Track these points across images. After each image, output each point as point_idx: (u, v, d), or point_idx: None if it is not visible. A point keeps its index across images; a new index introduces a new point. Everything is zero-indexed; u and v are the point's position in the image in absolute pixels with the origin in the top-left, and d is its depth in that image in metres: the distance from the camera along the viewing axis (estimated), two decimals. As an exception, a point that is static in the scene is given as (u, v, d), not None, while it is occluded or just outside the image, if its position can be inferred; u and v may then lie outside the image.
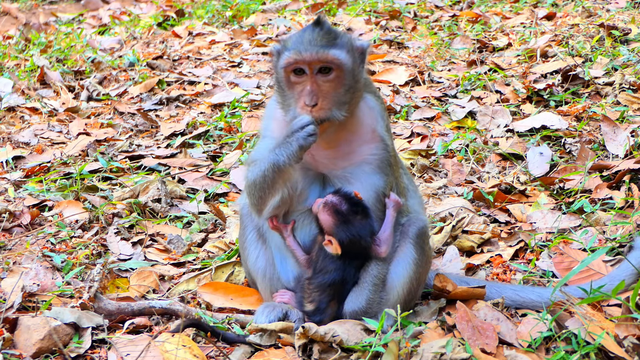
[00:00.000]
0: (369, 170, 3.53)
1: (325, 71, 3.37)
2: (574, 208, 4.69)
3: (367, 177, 3.53)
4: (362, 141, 3.54)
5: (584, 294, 3.52)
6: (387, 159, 3.55)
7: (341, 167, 3.55)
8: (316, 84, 3.36)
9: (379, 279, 3.54)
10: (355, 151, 3.53)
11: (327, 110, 3.36)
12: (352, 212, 3.47)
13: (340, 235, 3.47)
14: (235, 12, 10.25)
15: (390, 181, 3.58)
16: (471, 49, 8.05)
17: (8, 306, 3.68)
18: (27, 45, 8.97)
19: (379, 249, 3.54)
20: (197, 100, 7.24)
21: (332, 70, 3.37)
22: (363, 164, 3.53)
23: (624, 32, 7.68)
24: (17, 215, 4.82)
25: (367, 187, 3.53)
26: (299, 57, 3.35)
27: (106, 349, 3.49)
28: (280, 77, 3.47)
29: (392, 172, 3.59)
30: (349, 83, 3.42)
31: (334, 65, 3.36)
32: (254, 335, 3.47)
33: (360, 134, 3.54)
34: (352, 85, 3.43)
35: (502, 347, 3.36)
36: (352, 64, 3.42)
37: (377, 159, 3.54)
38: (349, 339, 3.33)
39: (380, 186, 3.54)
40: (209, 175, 5.56)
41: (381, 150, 3.54)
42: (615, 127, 5.57)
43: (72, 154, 5.94)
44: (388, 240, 3.55)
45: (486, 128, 6.09)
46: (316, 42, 3.36)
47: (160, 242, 4.66)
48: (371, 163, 3.53)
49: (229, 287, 4.06)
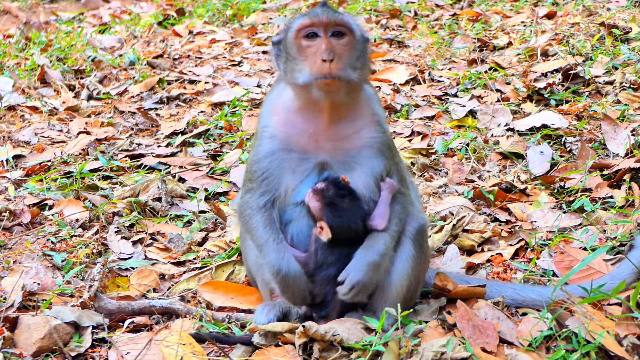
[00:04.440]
0: (370, 153, 3.58)
1: (338, 35, 3.47)
2: (575, 207, 4.69)
3: (367, 161, 3.57)
4: (364, 123, 3.59)
5: (585, 293, 3.52)
6: (386, 143, 3.63)
7: (343, 150, 3.57)
8: (331, 44, 3.44)
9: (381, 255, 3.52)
10: (358, 133, 3.58)
11: (342, 68, 3.42)
12: (339, 195, 3.50)
13: (330, 219, 3.49)
14: (236, 11, 10.25)
15: (389, 165, 3.62)
16: (472, 48, 8.05)
17: (8, 305, 3.68)
18: (28, 44, 8.97)
19: (375, 222, 3.54)
20: (198, 99, 7.24)
21: (345, 35, 3.47)
22: (365, 148, 3.58)
23: (625, 31, 7.68)
24: (17, 214, 4.82)
25: (368, 171, 3.57)
26: (315, 19, 3.46)
27: (106, 348, 3.49)
28: (290, 45, 3.53)
29: (392, 157, 3.65)
30: (359, 53, 3.51)
31: (346, 29, 3.47)
32: (258, 335, 3.46)
33: (362, 115, 3.60)
34: (360, 56, 3.52)
35: (503, 346, 3.36)
36: (361, 37, 3.54)
37: (378, 142, 3.59)
38: (349, 337, 3.32)
39: (379, 170, 3.59)
40: (209, 174, 5.56)
41: (381, 134, 3.61)
42: (615, 125, 5.56)
43: (72, 152, 5.94)
44: (384, 215, 3.56)
45: (487, 127, 6.08)
46: (328, 10, 3.52)
47: (160, 241, 4.66)
48: (372, 146, 3.58)
49: (229, 286, 4.06)
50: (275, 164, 3.58)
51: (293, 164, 3.56)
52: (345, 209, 3.51)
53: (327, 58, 3.38)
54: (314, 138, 3.55)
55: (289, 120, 3.59)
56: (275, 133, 3.59)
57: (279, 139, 3.58)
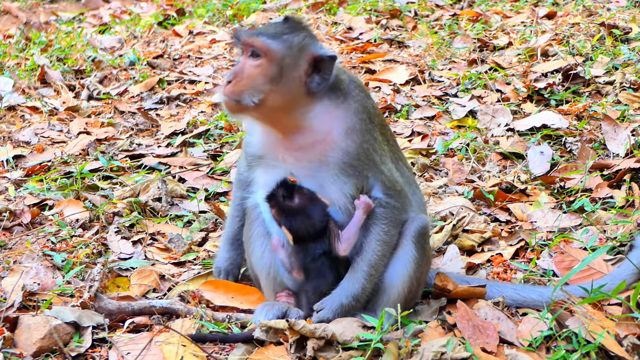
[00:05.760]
0: (331, 170, 3.51)
1: (255, 56, 3.43)
2: (575, 207, 4.69)
3: (331, 177, 3.52)
4: (314, 140, 3.50)
5: (585, 293, 3.52)
6: (346, 162, 3.50)
7: (303, 162, 3.53)
8: (243, 66, 3.44)
9: (374, 268, 3.55)
10: (310, 148, 3.51)
11: (237, 93, 3.40)
12: (288, 197, 3.47)
13: (284, 222, 3.49)
14: (236, 11, 10.24)
15: (358, 183, 3.53)
16: (472, 48, 8.05)
17: (8, 305, 3.68)
18: (28, 44, 8.97)
19: (339, 245, 3.52)
20: (198, 99, 7.24)
21: (260, 57, 3.42)
22: (322, 164, 3.51)
23: (625, 31, 7.68)
24: (17, 214, 4.82)
25: (335, 187, 3.52)
26: (237, 35, 3.48)
27: (107, 348, 3.49)
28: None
29: (360, 173, 3.52)
30: (273, 76, 3.41)
31: (261, 51, 3.41)
32: (260, 330, 3.45)
33: (312, 133, 3.50)
34: (276, 79, 3.41)
35: (503, 346, 3.36)
36: (285, 59, 3.41)
37: (334, 162, 3.49)
38: (345, 332, 3.32)
39: (345, 187, 3.52)
40: (209, 174, 5.56)
41: (336, 153, 3.49)
42: (615, 126, 5.56)
43: (72, 153, 5.94)
44: (350, 239, 3.52)
45: (487, 127, 6.08)
46: (262, 30, 3.49)
47: (160, 241, 4.66)
48: (329, 164, 3.51)
49: (230, 285, 4.05)
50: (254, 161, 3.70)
51: (267, 168, 3.62)
52: (296, 209, 3.47)
53: (226, 79, 3.42)
54: (275, 148, 3.58)
55: (257, 127, 3.67)
56: (251, 138, 3.71)
57: (252, 143, 3.70)
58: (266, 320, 3.46)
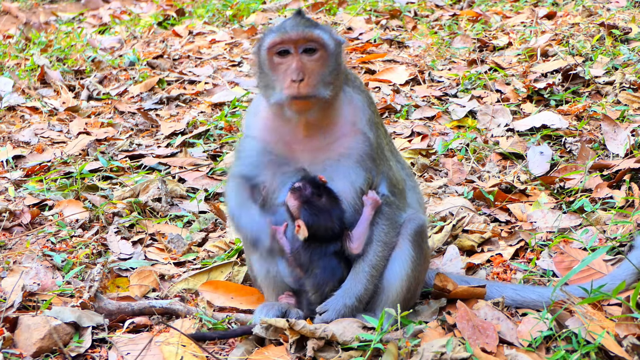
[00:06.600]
0: (348, 164, 3.55)
1: (310, 51, 3.45)
2: (575, 207, 4.69)
3: (346, 171, 3.55)
4: (341, 134, 3.56)
5: (585, 293, 3.52)
6: (368, 154, 3.56)
7: (320, 159, 3.56)
8: (301, 62, 3.43)
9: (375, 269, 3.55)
10: (334, 143, 3.55)
11: (313, 87, 3.41)
12: (316, 194, 3.49)
13: (305, 217, 3.49)
14: (236, 12, 10.25)
15: (370, 177, 3.57)
16: (471, 48, 8.05)
17: (8, 305, 3.68)
18: (28, 44, 8.97)
19: (351, 244, 3.55)
20: (198, 100, 7.24)
21: (317, 51, 3.45)
22: (341, 158, 3.55)
23: (625, 31, 7.68)
24: (17, 214, 4.82)
25: (347, 181, 3.55)
26: (285, 36, 3.44)
27: (106, 348, 3.49)
28: (263, 61, 3.54)
29: (376, 167, 3.59)
30: (332, 66, 3.49)
31: (318, 44, 3.45)
32: (260, 327, 3.45)
33: (339, 125, 3.57)
34: (334, 69, 3.51)
35: (503, 347, 3.36)
36: (334, 48, 3.51)
37: (356, 153, 3.55)
38: (344, 333, 3.32)
39: (358, 181, 3.55)
40: (209, 175, 5.56)
41: (361, 144, 3.56)
42: (615, 126, 5.56)
43: (72, 153, 5.94)
44: (361, 237, 3.55)
45: (486, 127, 6.08)
46: (300, 24, 3.48)
47: (160, 242, 4.66)
48: (349, 157, 3.54)
49: (230, 285, 4.06)
50: (255, 159, 3.64)
51: (273, 166, 3.60)
52: (322, 208, 3.50)
53: (296, 78, 3.39)
54: (291, 147, 3.58)
55: (267, 126, 3.63)
56: (256, 134, 3.65)
57: (257, 140, 3.65)
58: (266, 318, 3.46)
